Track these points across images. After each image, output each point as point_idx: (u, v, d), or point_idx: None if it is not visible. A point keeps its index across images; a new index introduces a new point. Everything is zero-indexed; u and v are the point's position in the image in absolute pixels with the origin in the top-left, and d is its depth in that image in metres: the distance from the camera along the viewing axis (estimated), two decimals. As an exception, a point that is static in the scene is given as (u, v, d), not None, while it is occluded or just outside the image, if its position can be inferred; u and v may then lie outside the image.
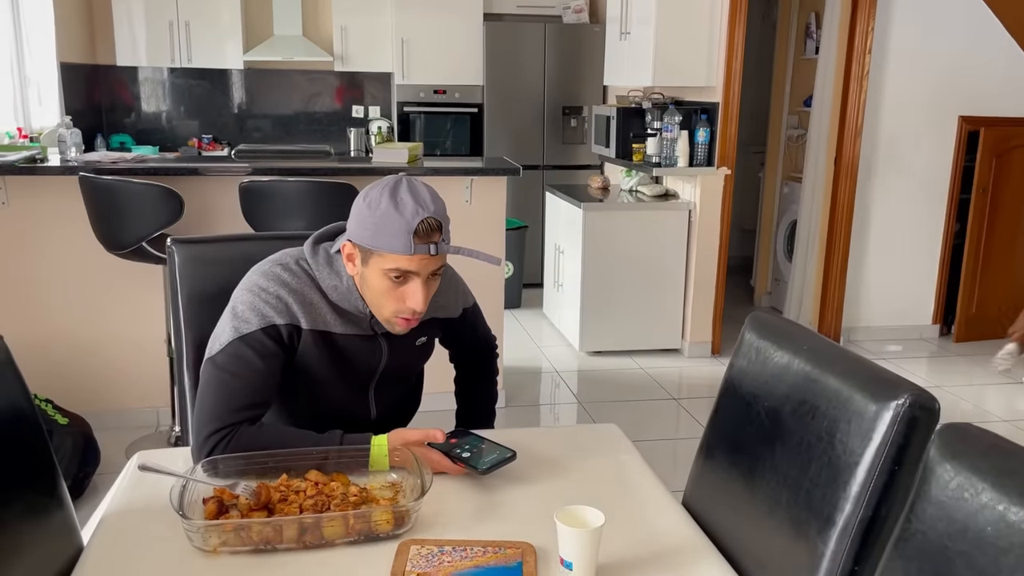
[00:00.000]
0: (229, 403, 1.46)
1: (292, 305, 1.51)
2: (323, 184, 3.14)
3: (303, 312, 1.52)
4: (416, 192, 1.45)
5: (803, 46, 5.48)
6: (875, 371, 1.25)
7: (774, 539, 1.29)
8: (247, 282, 1.55)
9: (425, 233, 1.42)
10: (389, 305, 1.50)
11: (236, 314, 1.50)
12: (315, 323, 1.53)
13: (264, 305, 1.49)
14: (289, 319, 1.51)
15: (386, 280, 1.47)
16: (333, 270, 1.55)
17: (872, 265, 5.03)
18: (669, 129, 4.55)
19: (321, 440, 1.48)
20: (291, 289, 1.52)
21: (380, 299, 1.50)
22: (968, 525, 0.91)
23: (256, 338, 1.48)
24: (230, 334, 1.49)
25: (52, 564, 1.23)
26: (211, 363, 1.50)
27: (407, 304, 1.48)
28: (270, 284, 1.52)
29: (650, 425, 3.79)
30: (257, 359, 1.48)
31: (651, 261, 4.63)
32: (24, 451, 1.24)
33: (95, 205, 3.05)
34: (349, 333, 1.57)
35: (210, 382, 1.49)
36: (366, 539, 1.27)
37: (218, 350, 1.49)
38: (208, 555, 1.23)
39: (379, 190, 1.46)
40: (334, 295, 1.54)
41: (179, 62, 5.90)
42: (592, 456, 1.61)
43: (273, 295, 1.50)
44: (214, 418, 1.45)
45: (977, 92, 4.89)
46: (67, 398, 3.31)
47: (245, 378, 1.47)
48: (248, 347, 1.47)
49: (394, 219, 1.42)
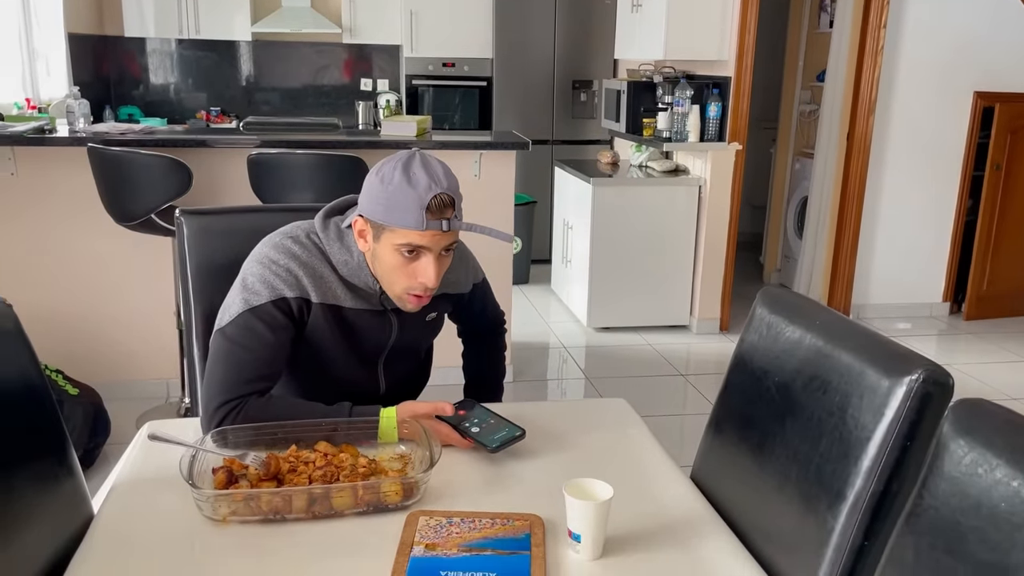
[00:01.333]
0: (239, 375, 1.46)
1: (303, 278, 1.50)
2: (331, 157, 3.13)
3: (313, 285, 1.51)
4: (429, 167, 1.43)
5: (817, 20, 5.41)
6: (888, 346, 1.24)
7: (783, 513, 1.29)
8: (258, 254, 1.54)
9: (438, 209, 1.41)
10: (401, 281, 1.49)
11: (246, 286, 1.50)
12: (325, 297, 1.53)
13: (275, 277, 1.49)
14: (299, 292, 1.50)
15: (398, 256, 1.45)
16: (344, 245, 1.54)
17: (883, 242, 4.99)
18: (680, 104, 4.51)
19: (330, 412, 1.48)
20: (301, 262, 1.51)
21: (392, 275, 1.49)
22: (981, 501, 0.90)
23: (266, 310, 1.47)
24: (240, 306, 1.48)
25: (63, 532, 1.24)
26: (221, 334, 1.49)
27: (419, 280, 1.47)
28: (280, 256, 1.51)
29: (658, 401, 3.79)
30: (267, 331, 1.47)
31: (660, 237, 4.61)
32: (35, 420, 1.24)
33: (104, 176, 3.04)
34: (359, 308, 1.56)
35: (219, 353, 1.48)
36: (375, 510, 1.27)
37: (228, 321, 1.49)
38: (218, 524, 1.23)
39: (392, 165, 1.44)
40: (344, 270, 1.53)
41: (187, 33, 5.87)
42: (600, 430, 1.61)
43: (283, 267, 1.49)
44: (224, 390, 1.45)
45: (993, 67, 4.82)
46: (77, 369, 3.32)
47: (255, 350, 1.47)
48: (258, 319, 1.47)
49: (407, 194, 1.40)
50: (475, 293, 1.77)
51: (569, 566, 1.16)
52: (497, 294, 1.92)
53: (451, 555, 1.15)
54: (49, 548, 1.20)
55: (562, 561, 1.17)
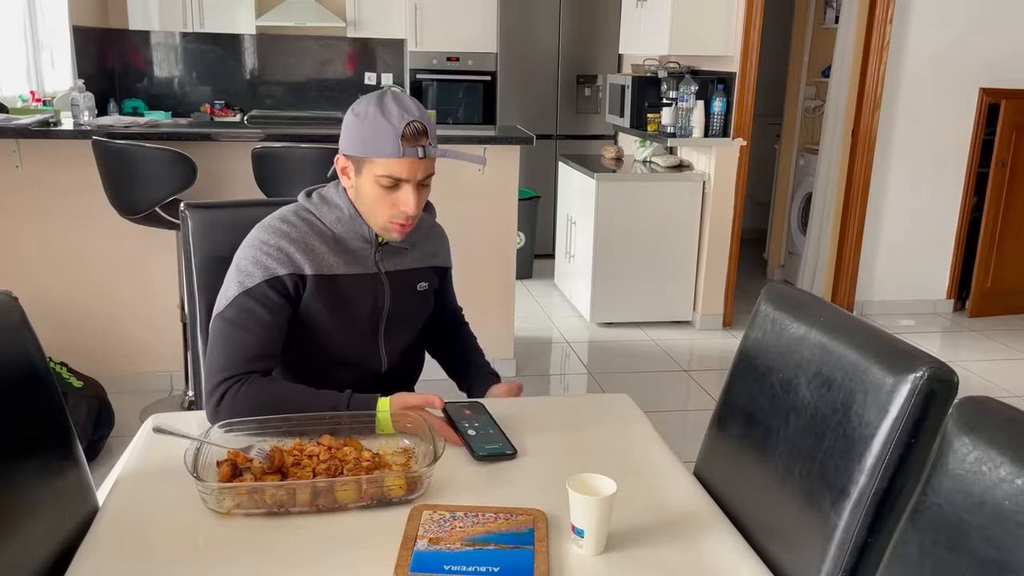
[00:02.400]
0: (239, 353, 1.49)
1: (294, 254, 1.55)
2: (335, 151, 3.11)
3: (306, 259, 1.55)
4: (401, 100, 1.52)
5: (822, 15, 5.39)
6: (893, 343, 1.24)
7: (786, 509, 1.29)
8: (249, 239, 1.58)
9: (412, 137, 1.49)
10: (383, 211, 1.55)
11: (240, 269, 1.54)
12: (319, 268, 1.57)
13: (266, 257, 1.53)
14: (292, 268, 1.54)
15: (378, 188, 1.52)
16: (331, 205, 1.60)
17: (887, 239, 4.98)
18: (685, 99, 4.50)
19: (331, 396, 1.50)
20: (291, 239, 1.56)
21: (374, 207, 1.55)
22: (985, 499, 0.90)
23: (261, 291, 1.52)
24: (235, 289, 1.52)
25: (68, 523, 1.24)
26: (219, 318, 1.53)
27: (400, 209, 1.53)
28: (270, 237, 1.56)
29: (661, 397, 3.79)
30: (263, 311, 1.51)
31: (664, 233, 4.60)
32: (40, 412, 1.25)
33: (108, 169, 3.05)
34: (352, 272, 1.60)
35: (218, 336, 1.52)
36: (378, 504, 1.27)
37: (225, 305, 1.53)
38: (222, 517, 1.24)
39: (366, 102, 1.52)
40: (338, 227, 1.59)
41: (191, 26, 5.86)
42: (604, 425, 1.61)
43: (274, 247, 1.54)
44: (224, 367, 1.48)
45: (999, 64, 4.81)
46: (82, 361, 3.33)
47: (253, 331, 1.51)
48: (254, 300, 1.51)
49: (382, 125, 1.48)
50: (448, 276, 1.84)
51: (572, 561, 1.17)
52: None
53: (454, 549, 1.15)
54: (54, 540, 1.20)
55: (565, 556, 1.18)
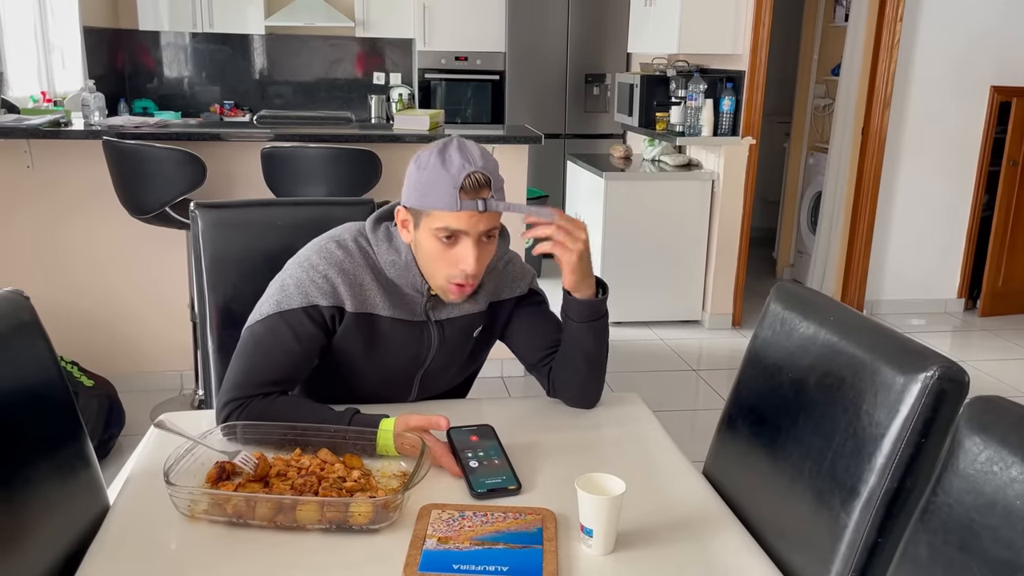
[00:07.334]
0: (252, 376, 1.46)
1: (339, 287, 1.48)
2: (344, 151, 3.14)
3: (350, 294, 1.49)
4: (464, 149, 1.41)
5: (832, 13, 5.37)
6: (903, 343, 1.24)
7: (795, 509, 1.29)
8: (302, 256, 1.52)
9: (472, 188, 1.38)
10: (442, 270, 1.45)
11: (283, 286, 1.49)
12: (362, 306, 1.50)
13: (310, 284, 1.47)
14: (334, 300, 1.48)
15: (436, 242, 1.42)
16: (392, 246, 1.52)
17: (897, 238, 4.96)
18: (693, 98, 4.49)
19: (332, 416, 1.44)
20: (341, 269, 1.49)
21: (432, 264, 1.46)
22: (996, 499, 0.90)
23: (296, 316, 1.46)
24: (271, 307, 1.48)
25: (80, 522, 1.25)
26: (249, 331, 1.49)
27: (459, 267, 1.43)
28: (321, 262, 1.49)
29: (669, 396, 3.78)
30: (292, 339, 1.46)
31: (673, 232, 4.59)
32: (51, 411, 1.26)
33: (119, 169, 3.06)
34: (396, 318, 1.53)
35: (243, 351, 1.49)
36: (338, 529, 1.21)
37: (258, 319, 1.49)
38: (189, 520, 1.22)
39: (429, 151, 1.43)
40: (392, 271, 1.51)
41: (201, 27, 5.89)
42: (612, 425, 1.60)
43: (322, 274, 1.48)
44: (235, 387, 1.46)
45: (1010, 61, 4.78)
46: (92, 361, 3.35)
47: (275, 356, 1.46)
48: (286, 324, 1.46)
49: (440, 176, 1.39)
50: (532, 302, 1.68)
51: (581, 561, 1.17)
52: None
53: (463, 548, 1.15)
54: (66, 538, 1.21)
55: (574, 555, 1.17)
